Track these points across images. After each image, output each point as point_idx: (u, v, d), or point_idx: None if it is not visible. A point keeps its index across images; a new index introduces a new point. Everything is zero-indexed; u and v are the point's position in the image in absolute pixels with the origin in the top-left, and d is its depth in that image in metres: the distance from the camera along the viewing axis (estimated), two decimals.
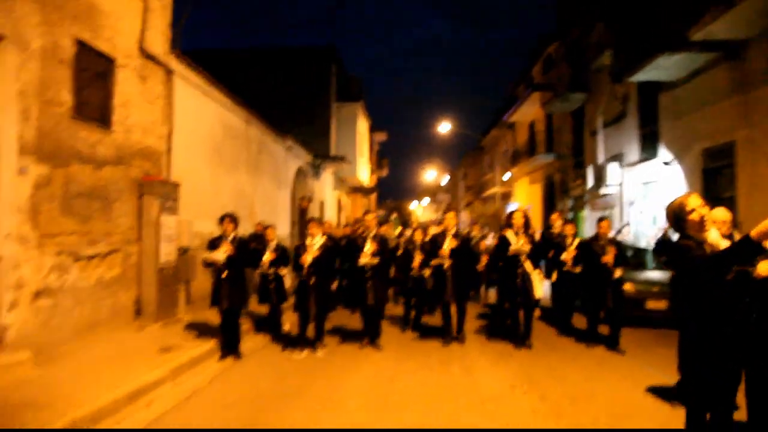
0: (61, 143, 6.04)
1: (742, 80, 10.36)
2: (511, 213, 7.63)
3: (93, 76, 6.58)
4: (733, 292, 3.24)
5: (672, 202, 3.70)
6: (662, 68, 12.16)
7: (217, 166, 10.80)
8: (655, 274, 9.63)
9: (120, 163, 7.21)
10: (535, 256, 7.34)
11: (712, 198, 11.51)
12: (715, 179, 11.41)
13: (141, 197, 7.67)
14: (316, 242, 6.96)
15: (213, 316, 8.02)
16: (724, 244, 3.27)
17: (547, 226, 10.13)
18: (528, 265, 7.19)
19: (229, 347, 6.66)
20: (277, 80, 23.25)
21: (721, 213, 4.55)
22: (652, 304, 8.70)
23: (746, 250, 2.86)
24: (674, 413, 4.54)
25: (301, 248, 7.02)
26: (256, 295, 8.11)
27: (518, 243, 7.15)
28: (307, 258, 6.85)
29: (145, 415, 4.67)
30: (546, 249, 8.88)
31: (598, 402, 5.02)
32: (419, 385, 5.55)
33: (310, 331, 7.09)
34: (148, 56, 7.86)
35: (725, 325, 3.20)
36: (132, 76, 7.49)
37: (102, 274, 6.85)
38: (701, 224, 3.44)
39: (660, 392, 5.22)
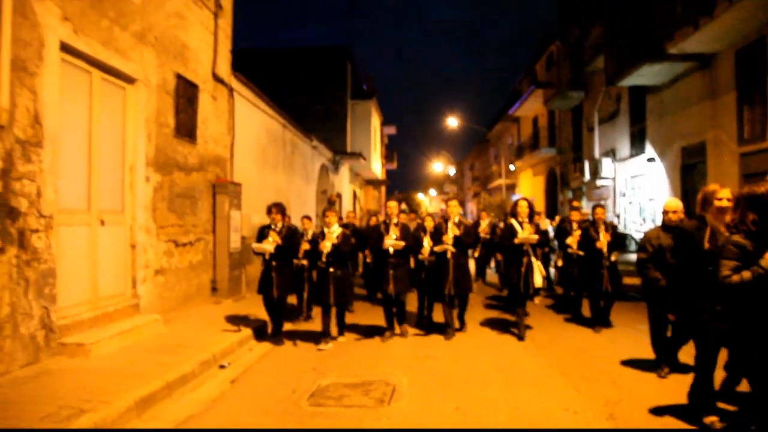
0: (168, 156, 7.85)
1: (712, 87, 12.09)
2: (516, 202, 7.64)
3: (185, 101, 8.37)
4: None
5: (707, 187, 4.20)
6: (647, 75, 13.88)
7: (263, 167, 12.61)
8: (633, 256, 11.46)
9: (201, 169, 9.02)
10: (542, 244, 7.50)
11: (688, 191, 13.28)
12: (692, 174, 13.15)
13: (215, 196, 9.48)
14: (334, 230, 7.00)
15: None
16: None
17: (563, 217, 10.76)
18: (532, 255, 7.28)
19: (276, 329, 7.11)
20: (296, 79, 24.71)
21: (674, 202, 5.53)
22: (628, 281, 10.45)
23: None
24: (615, 348, 6.44)
25: (319, 236, 7.13)
26: None
27: (525, 232, 7.15)
28: (326, 245, 6.87)
29: (251, 356, 6.48)
30: (561, 236, 9.53)
31: (569, 342, 6.94)
32: (442, 340, 7.21)
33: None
34: (218, 79, 9.64)
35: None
36: (208, 97, 9.27)
37: (191, 258, 8.68)
38: (723, 212, 3.94)
39: (614, 339, 7.10)
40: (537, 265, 7.32)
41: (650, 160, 14.93)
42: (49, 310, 5.34)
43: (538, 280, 7.30)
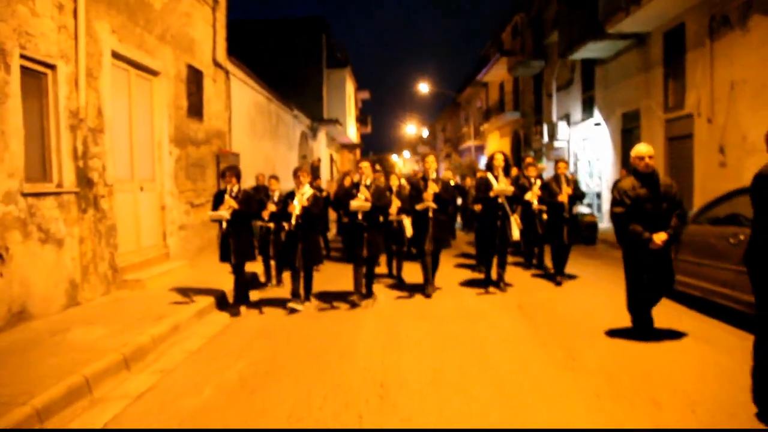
0: (183, 133, 9.49)
1: (645, 62, 13.99)
2: (492, 155, 7.39)
3: (193, 86, 9.95)
4: None
5: None
6: (593, 50, 15.73)
7: (252, 138, 14.23)
8: (582, 208, 13.57)
9: (207, 142, 10.66)
10: (514, 198, 7.32)
11: (627, 152, 15.29)
12: (630, 138, 15.13)
13: (218, 164, 11.14)
14: (305, 192, 6.65)
15: None
16: None
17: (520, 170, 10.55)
18: (508, 208, 7.18)
19: (242, 298, 6.76)
20: (273, 50, 25.91)
21: (645, 147, 4.97)
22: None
23: None
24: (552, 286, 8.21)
25: (289, 198, 6.73)
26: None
27: (501, 185, 7.03)
28: (296, 206, 6.53)
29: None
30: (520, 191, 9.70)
31: (528, 286, 8.53)
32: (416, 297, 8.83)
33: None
34: (217, 64, 11.19)
35: None
36: (210, 81, 10.84)
37: (202, 217, 10.39)
38: None
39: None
40: (514, 218, 7.26)
41: (597, 124, 16.90)
42: (114, 255, 7.09)
43: (515, 233, 7.23)
